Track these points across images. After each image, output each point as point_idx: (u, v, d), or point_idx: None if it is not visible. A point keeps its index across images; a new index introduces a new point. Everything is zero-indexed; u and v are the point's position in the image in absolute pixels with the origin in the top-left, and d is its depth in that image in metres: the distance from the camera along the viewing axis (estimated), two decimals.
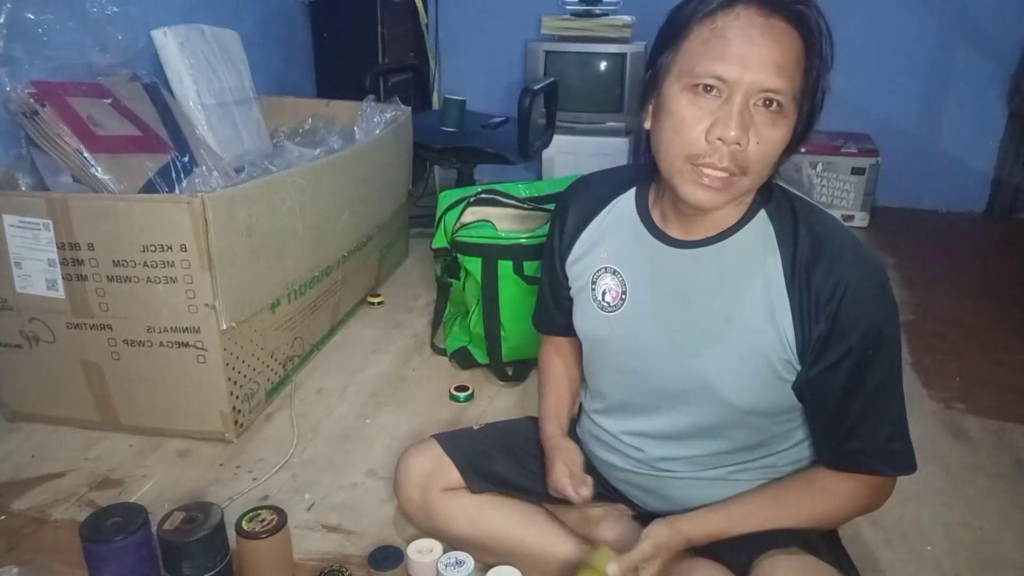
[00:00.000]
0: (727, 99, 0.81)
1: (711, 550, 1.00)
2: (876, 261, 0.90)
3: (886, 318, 0.89)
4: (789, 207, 0.93)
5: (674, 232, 0.97)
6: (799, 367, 0.91)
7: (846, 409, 0.91)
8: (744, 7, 0.81)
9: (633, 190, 1.04)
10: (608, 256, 1.03)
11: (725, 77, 0.81)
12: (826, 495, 0.96)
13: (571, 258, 1.08)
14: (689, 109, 0.84)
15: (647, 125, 0.92)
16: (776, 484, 0.99)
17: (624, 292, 1.01)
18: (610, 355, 1.05)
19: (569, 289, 1.11)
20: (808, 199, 0.96)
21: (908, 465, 0.94)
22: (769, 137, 0.82)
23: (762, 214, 0.93)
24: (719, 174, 0.84)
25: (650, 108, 0.91)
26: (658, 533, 0.94)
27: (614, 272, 1.02)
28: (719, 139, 0.82)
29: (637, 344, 1.00)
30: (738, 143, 0.81)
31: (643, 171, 1.02)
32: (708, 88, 0.82)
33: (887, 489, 0.98)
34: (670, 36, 0.87)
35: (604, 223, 1.05)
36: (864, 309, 0.87)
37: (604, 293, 1.03)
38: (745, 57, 0.80)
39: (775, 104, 0.81)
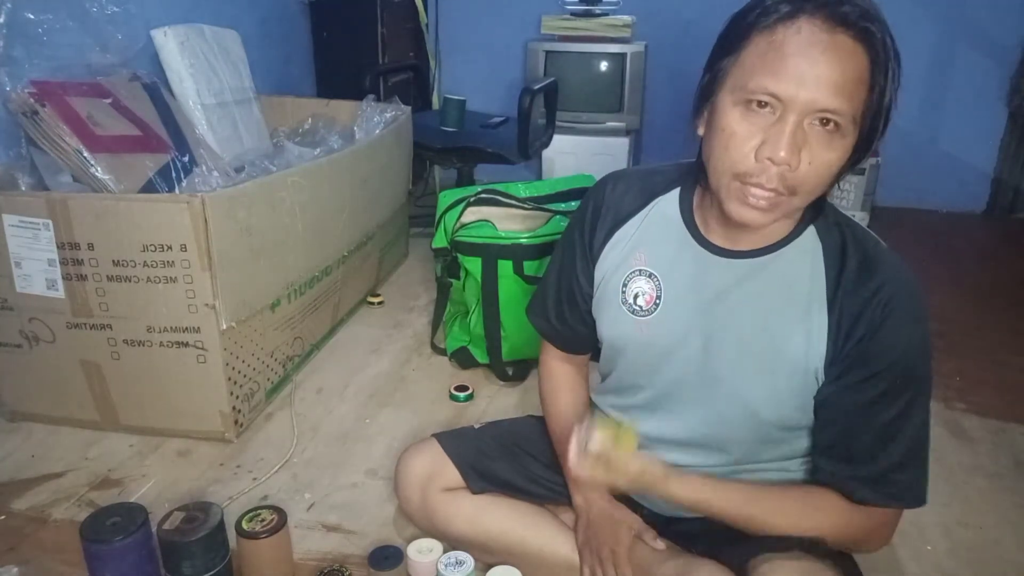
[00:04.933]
0: (780, 117, 0.78)
1: (711, 550, 1.00)
2: (920, 292, 0.87)
3: (919, 353, 0.87)
4: (835, 223, 0.91)
5: (718, 240, 0.94)
6: (823, 381, 0.90)
7: (854, 433, 0.89)
8: (807, 21, 0.76)
9: (676, 192, 0.99)
10: (644, 258, 0.99)
11: (780, 95, 0.77)
12: (817, 514, 0.92)
13: (602, 257, 1.04)
14: (740, 124, 0.80)
15: (700, 131, 0.88)
16: (773, 488, 0.96)
17: (659, 297, 0.98)
18: (637, 359, 1.02)
19: (591, 296, 1.07)
20: (847, 215, 0.94)
21: (910, 498, 0.90)
22: (823, 159, 0.78)
23: (811, 230, 0.91)
24: (766, 194, 0.80)
25: (704, 115, 0.87)
26: (650, 464, 0.91)
27: (650, 275, 0.98)
28: (768, 159, 0.78)
29: (668, 351, 0.98)
30: (788, 164, 0.77)
31: (688, 174, 0.99)
32: (762, 104, 0.78)
33: (883, 528, 0.93)
34: (729, 43, 0.83)
35: (643, 224, 1.00)
36: (899, 338, 0.85)
37: (636, 297, 0.99)
38: (802, 75, 0.75)
39: (832, 124, 0.77)
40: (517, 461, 1.20)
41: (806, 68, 0.75)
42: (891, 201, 3.12)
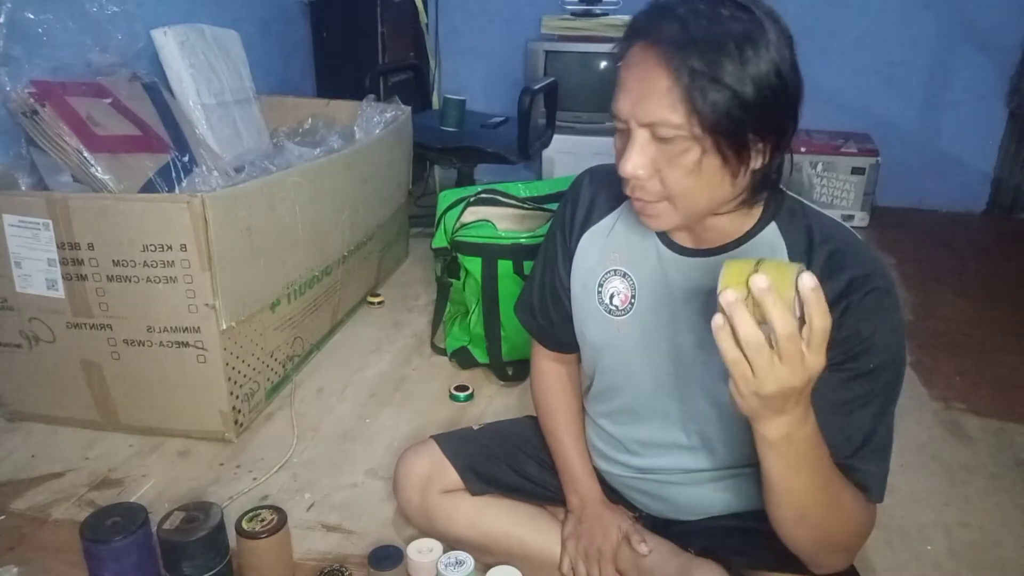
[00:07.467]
0: (630, 135, 0.83)
1: (710, 550, 1.00)
2: (890, 280, 0.86)
3: (891, 343, 0.85)
4: (801, 218, 0.91)
5: (683, 240, 0.96)
6: None
7: (832, 427, 0.83)
8: (638, 45, 0.80)
9: None
10: (618, 258, 1.01)
11: (618, 114, 0.83)
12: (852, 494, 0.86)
13: (578, 254, 1.05)
14: (616, 145, 0.87)
15: None
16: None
17: (633, 296, 0.99)
18: (617, 360, 1.03)
19: (568, 291, 1.08)
20: (815, 207, 0.93)
21: (875, 488, 0.85)
22: (676, 167, 0.81)
23: (772, 226, 0.91)
24: (638, 204, 0.86)
25: None
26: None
27: (624, 275, 1.00)
28: (619, 173, 0.84)
29: (645, 350, 0.99)
30: (635, 176, 0.82)
31: None
32: (620, 126, 0.85)
33: (869, 519, 0.87)
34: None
35: (616, 224, 1.03)
36: (870, 330, 0.83)
37: (612, 296, 1.01)
38: (629, 92, 0.81)
39: (663, 137, 0.80)
40: (517, 463, 1.20)
41: (631, 85, 0.81)
42: (891, 201, 3.12)
